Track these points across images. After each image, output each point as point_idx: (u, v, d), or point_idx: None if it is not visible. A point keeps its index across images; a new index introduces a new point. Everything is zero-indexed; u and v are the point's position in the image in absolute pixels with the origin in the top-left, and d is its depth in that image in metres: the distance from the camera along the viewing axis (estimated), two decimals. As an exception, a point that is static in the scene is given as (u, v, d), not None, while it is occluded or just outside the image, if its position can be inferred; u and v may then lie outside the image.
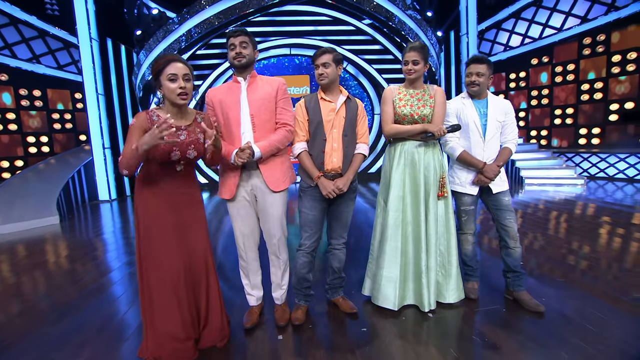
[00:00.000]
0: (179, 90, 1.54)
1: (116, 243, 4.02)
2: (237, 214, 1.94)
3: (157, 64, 1.56)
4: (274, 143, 1.85)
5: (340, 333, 1.91)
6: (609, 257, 2.90)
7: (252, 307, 2.09)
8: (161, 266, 1.63)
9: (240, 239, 1.97)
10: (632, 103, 7.13)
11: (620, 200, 5.21)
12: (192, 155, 1.63)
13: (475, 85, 2.07)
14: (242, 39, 1.84)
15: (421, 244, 2.01)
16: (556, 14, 8.12)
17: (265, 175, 1.87)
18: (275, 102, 1.89)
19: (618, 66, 7.26)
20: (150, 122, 1.56)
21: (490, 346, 1.71)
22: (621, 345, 1.68)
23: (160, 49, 6.37)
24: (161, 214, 1.63)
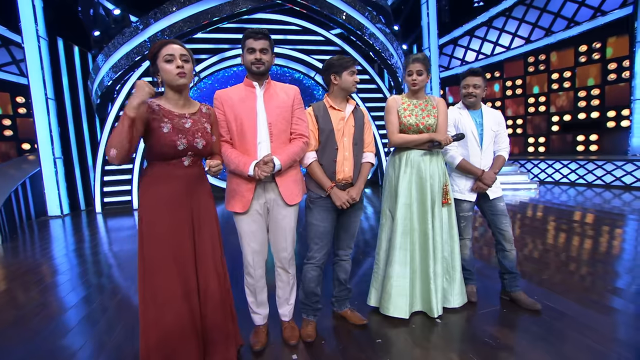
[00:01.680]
0: (176, 70, 1.46)
1: (69, 266, 3.54)
2: (248, 229, 1.83)
3: (153, 47, 1.50)
4: (292, 155, 1.78)
5: (356, 347, 1.88)
6: (579, 254, 3.19)
7: (258, 326, 1.98)
8: (167, 275, 1.48)
9: (250, 256, 1.85)
10: (569, 115, 8.04)
11: (566, 201, 5.79)
12: (200, 145, 1.54)
13: (472, 96, 2.19)
14: (263, 43, 1.73)
15: (429, 251, 2.05)
16: (504, 34, 8.95)
17: (281, 188, 1.80)
18: (291, 111, 1.83)
19: (557, 83, 8.16)
20: (151, 112, 1.47)
21: (503, 347, 1.79)
22: (615, 334, 1.84)
23: (122, 53, 5.95)
24: (169, 215, 1.50)
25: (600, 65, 7.46)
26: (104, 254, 4.03)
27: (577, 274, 2.72)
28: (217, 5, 5.61)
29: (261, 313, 1.98)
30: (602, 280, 2.57)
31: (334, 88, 1.99)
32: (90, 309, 2.49)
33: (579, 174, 6.99)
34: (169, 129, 1.47)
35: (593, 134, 7.68)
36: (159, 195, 1.50)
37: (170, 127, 1.48)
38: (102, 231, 5.52)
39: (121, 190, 6.92)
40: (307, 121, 1.89)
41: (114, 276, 3.24)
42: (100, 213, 6.73)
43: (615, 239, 3.66)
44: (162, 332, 1.49)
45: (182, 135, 1.49)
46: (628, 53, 6.96)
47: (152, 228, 1.50)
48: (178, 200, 1.52)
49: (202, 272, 1.59)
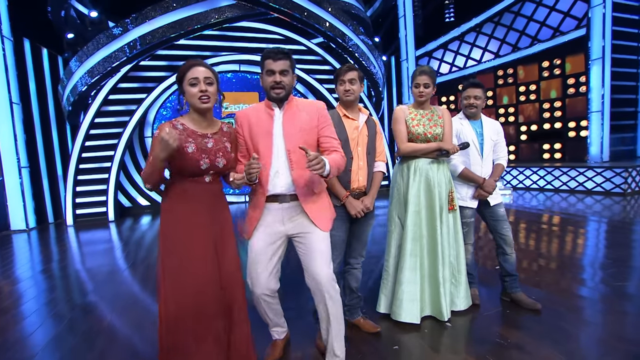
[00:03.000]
0: (199, 94, 1.50)
1: (36, 291, 3.11)
2: (252, 255, 1.68)
3: (180, 70, 1.54)
4: (337, 164, 1.59)
5: (375, 355, 1.91)
6: (561, 255, 3.42)
7: (275, 340, 1.94)
8: (185, 286, 1.50)
9: (250, 280, 1.73)
10: (536, 126, 8.65)
11: (536, 205, 6.19)
12: (221, 164, 1.57)
13: (473, 107, 2.32)
14: (283, 64, 1.60)
15: (437, 256, 2.13)
16: (475, 48, 9.52)
17: (313, 216, 1.65)
18: (316, 132, 1.67)
19: (524, 95, 8.77)
20: (176, 132, 1.50)
21: (514, 346, 1.88)
22: (610, 325, 2.00)
23: (99, 57, 5.68)
24: (191, 230, 1.53)
25: (561, 80, 8.12)
26: (77, 272, 3.75)
27: (562, 273, 2.92)
28: (203, 12, 5.53)
29: (278, 330, 1.94)
30: (583, 276, 2.77)
31: (339, 97, 2.04)
32: (67, 351, 2.07)
33: (547, 180, 7.50)
34: (193, 149, 1.51)
35: (557, 143, 8.30)
36: (181, 210, 1.54)
37: (194, 147, 1.52)
38: (73, 246, 5.18)
39: (95, 202, 6.53)
40: (337, 138, 1.73)
41: (92, 301, 2.88)
42: (72, 226, 6.31)
43: (579, 237, 3.97)
44: (184, 353, 1.48)
45: (205, 155, 1.54)
46: (584, 69, 7.63)
47: (174, 243, 1.52)
48: (200, 215, 1.55)
49: (227, 286, 1.59)
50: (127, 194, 7.30)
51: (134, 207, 7.35)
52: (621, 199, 6.21)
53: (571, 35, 7.79)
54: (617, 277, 2.76)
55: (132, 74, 6.64)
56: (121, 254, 4.35)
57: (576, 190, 7.06)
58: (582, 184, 6.97)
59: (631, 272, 2.87)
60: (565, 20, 7.93)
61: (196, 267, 1.52)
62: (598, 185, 6.75)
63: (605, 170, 6.64)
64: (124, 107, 6.66)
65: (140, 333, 2.30)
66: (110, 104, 6.60)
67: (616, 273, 2.84)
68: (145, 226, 6.14)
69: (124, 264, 3.91)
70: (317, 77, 8.46)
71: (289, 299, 2.15)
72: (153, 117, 7.31)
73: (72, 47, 6.21)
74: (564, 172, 7.20)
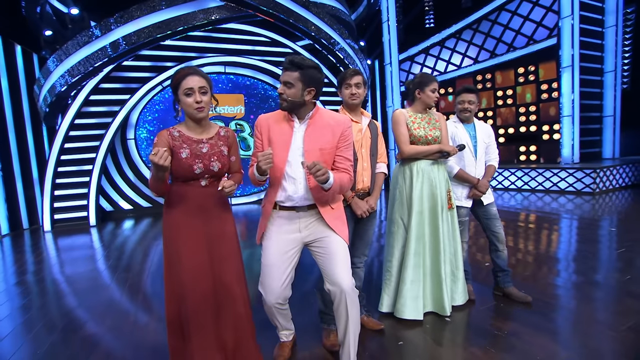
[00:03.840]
0: (195, 105, 1.55)
1: (9, 308, 2.82)
2: (266, 261, 1.69)
3: (175, 78, 1.57)
4: (341, 184, 1.61)
5: (381, 351, 1.98)
6: (547, 251, 3.63)
7: (283, 341, 1.97)
8: (186, 289, 1.55)
9: (261, 287, 1.74)
10: (513, 129, 9.07)
11: (515, 205, 6.51)
12: (216, 168, 1.62)
13: (467, 111, 2.44)
14: (287, 76, 1.56)
15: (440, 254, 2.23)
16: (455, 54, 9.87)
17: (332, 223, 1.67)
18: (335, 152, 1.65)
19: (501, 99, 9.17)
20: (171, 139, 1.58)
21: (512, 336, 2.02)
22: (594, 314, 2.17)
23: (80, 57, 5.48)
24: (189, 232, 1.59)
25: (535, 86, 8.56)
26: (57, 282, 3.59)
27: (539, 266, 3.10)
28: (191, 12, 5.45)
29: (286, 333, 1.97)
30: (559, 268, 2.97)
31: (343, 101, 2.10)
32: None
33: (524, 181, 7.87)
34: (187, 154, 1.58)
35: (532, 145, 8.74)
36: (177, 213, 1.59)
37: (188, 152, 1.58)
38: (51, 252, 4.97)
39: (76, 206, 6.27)
40: (351, 159, 1.70)
41: (76, 317, 2.63)
42: (50, 231, 6.03)
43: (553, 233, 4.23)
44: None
45: (199, 159, 1.59)
46: (556, 76, 8.09)
47: (171, 245, 1.60)
48: (193, 218, 1.60)
49: (221, 286, 1.61)
50: (109, 198, 7.06)
51: (116, 211, 7.10)
52: (590, 198, 6.63)
53: (544, 43, 8.24)
54: (588, 268, 2.98)
55: (115, 74, 6.44)
56: (105, 260, 4.21)
57: (550, 190, 7.46)
58: (556, 184, 7.38)
59: (599, 264, 3.11)
60: (538, 29, 8.38)
61: (187, 272, 1.54)
62: (570, 185, 7.16)
63: (577, 171, 7.06)
64: (106, 108, 6.44)
65: (122, 339, 2.26)
66: (92, 105, 6.36)
67: (586, 265, 3.07)
68: (129, 231, 5.96)
69: (109, 270, 3.78)
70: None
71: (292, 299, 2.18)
72: (136, 119, 7.12)
73: (50, 45, 5.94)
74: (539, 173, 7.59)
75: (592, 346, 1.87)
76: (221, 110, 8.02)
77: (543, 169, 7.55)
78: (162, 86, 7.12)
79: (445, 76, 10.05)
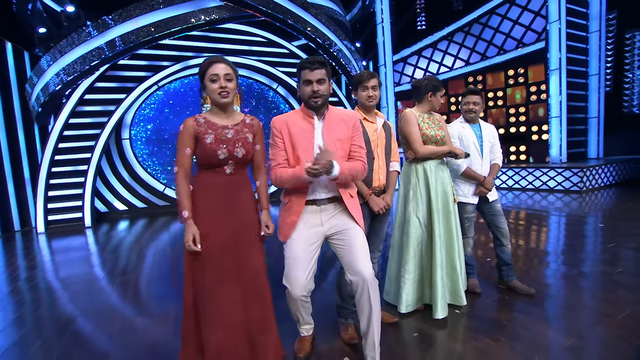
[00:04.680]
0: (219, 90, 1.59)
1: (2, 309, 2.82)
2: (293, 254, 1.73)
3: (202, 66, 1.63)
4: (352, 170, 1.71)
5: (398, 343, 2.06)
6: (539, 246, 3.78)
7: (304, 336, 2.02)
8: (208, 278, 1.58)
9: (288, 282, 1.77)
10: (503, 129, 9.32)
11: (505, 204, 6.72)
12: (240, 154, 1.65)
13: (472, 112, 2.55)
14: (320, 73, 1.67)
15: (454, 248, 2.34)
16: (447, 56, 10.09)
17: (353, 212, 1.76)
18: (350, 141, 1.77)
19: (492, 100, 9.42)
20: (197, 125, 1.63)
21: (520, 326, 2.12)
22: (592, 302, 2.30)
23: (75, 55, 5.38)
24: (214, 217, 1.62)
25: (525, 88, 8.83)
26: (50, 285, 3.51)
27: (531, 260, 3.25)
28: (190, 12, 5.43)
29: (306, 327, 2.02)
30: (558, 261, 3.12)
31: (358, 102, 2.17)
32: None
33: (515, 180, 8.11)
34: (211, 140, 1.62)
35: (522, 145, 9.01)
36: (201, 200, 1.63)
37: (213, 138, 1.62)
38: (45, 254, 4.88)
39: (70, 207, 6.15)
40: (364, 147, 1.83)
41: (74, 323, 2.54)
42: (44, 233, 5.90)
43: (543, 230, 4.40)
44: (209, 342, 1.57)
45: (224, 145, 1.63)
46: (544, 78, 8.37)
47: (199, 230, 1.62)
48: (218, 205, 1.64)
49: (246, 275, 1.66)
50: (103, 199, 6.95)
51: (110, 212, 7.00)
52: (578, 196, 6.89)
53: (532, 47, 8.52)
54: (581, 262, 3.14)
55: (111, 73, 6.36)
56: (103, 263, 4.15)
57: (540, 189, 7.72)
58: (545, 183, 7.63)
59: (591, 258, 3.29)
60: (527, 33, 8.65)
61: (214, 260, 1.59)
62: (559, 184, 7.43)
63: (565, 170, 7.33)
64: (101, 107, 6.35)
65: (119, 343, 2.23)
66: (86, 104, 6.26)
67: (579, 259, 3.24)
68: (125, 232, 5.89)
69: (108, 273, 3.73)
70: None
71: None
72: (131, 119, 7.03)
73: (44, 42, 5.81)
74: (529, 172, 7.84)
75: (595, 333, 1.99)
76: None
77: (533, 168, 7.80)
78: (158, 86, 7.06)
79: (438, 77, 10.26)
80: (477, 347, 1.93)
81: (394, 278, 2.48)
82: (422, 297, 2.38)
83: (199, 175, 1.67)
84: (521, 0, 8.64)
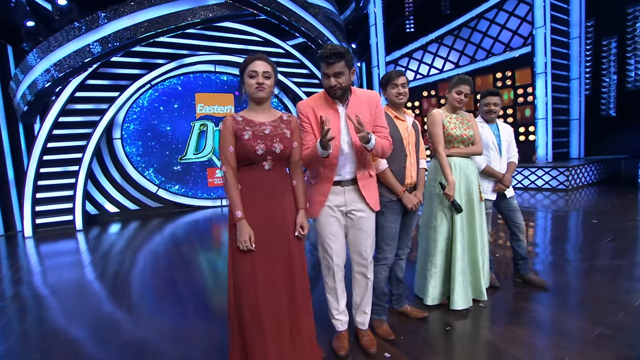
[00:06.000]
0: (256, 85, 1.62)
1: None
2: (328, 230, 1.88)
3: (244, 62, 1.66)
4: (382, 144, 1.79)
5: (434, 337, 2.09)
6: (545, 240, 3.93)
7: (340, 332, 2.02)
8: (251, 278, 1.59)
9: (330, 258, 1.90)
10: (491, 130, 9.62)
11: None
12: (278, 149, 1.66)
13: (493, 112, 2.63)
14: (337, 67, 1.71)
15: (477, 244, 2.39)
16: (438, 58, 10.32)
17: (366, 194, 1.88)
18: (372, 122, 1.86)
19: (480, 102, 9.72)
20: (235, 123, 1.65)
21: (542, 316, 2.22)
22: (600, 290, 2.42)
23: (68, 51, 5.15)
24: (252, 217, 1.62)
25: (512, 90, 9.16)
26: (38, 292, 3.29)
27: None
28: (191, 8, 5.31)
29: (342, 319, 2.02)
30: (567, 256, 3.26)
31: (388, 101, 2.20)
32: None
33: (503, 179, 8.39)
34: (249, 136, 1.63)
35: (509, 146, 9.33)
36: (243, 198, 1.64)
37: (250, 134, 1.64)
38: (32, 259, 4.66)
39: (60, 209, 5.88)
40: (387, 126, 1.92)
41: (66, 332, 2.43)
42: (32, 237, 5.61)
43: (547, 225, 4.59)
44: (253, 341, 1.58)
45: (261, 140, 1.64)
46: (531, 81, 8.71)
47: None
48: (259, 202, 1.65)
49: (288, 272, 1.67)
50: (94, 201, 6.68)
51: (101, 214, 6.74)
52: (564, 194, 7.21)
53: (519, 51, 8.85)
54: (587, 255, 3.30)
55: (103, 70, 6.13)
56: (98, 267, 3.98)
57: (529, 188, 8.02)
58: (533, 182, 7.94)
59: (592, 251, 3.46)
60: (514, 37, 8.99)
61: (259, 259, 1.60)
62: (546, 182, 7.74)
63: (552, 169, 7.65)
64: (93, 105, 6.11)
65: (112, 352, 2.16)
66: (77, 102, 6.01)
67: (584, 252, 3.41)
68: (117, 235, 5.67)
69: (102, 277, 3.59)
70: (294, 80, 8.55)
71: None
72: (122, 118, 6.80)
73: (32, 37, 5.53)
74: (518, 172, 8.12)
75: (619, 321, 2.09)
76: (210, 110, 7.87)
77: (521, 168, 8.09)
78: (151, 84, 6.87)
79: (428, 79, 10.49)
80: (507, 336, 1.99)
81: (420, 271, 2.53)
82: (447, 291, 2.43)
83: (239, 173, 1.68)
84: (508, 6, 8.97)
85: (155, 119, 7.23)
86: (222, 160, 1.66)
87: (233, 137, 1.64)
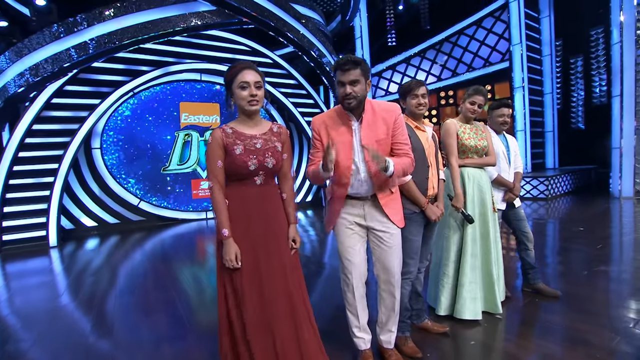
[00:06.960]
0: (249, 98, 1.54)
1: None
2: (346, 243, 1.81)
3: (230, 72, 1.56)
4: (403, 166, 1.70)
5: (459, 352, 2.01)
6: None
7: (363, 351, 1.91)
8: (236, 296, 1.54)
9: (349, 273, 1.82)
10: (472, 141, 9.96)
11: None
12: (271, 164, 1.60)
13: (506, 124, 2.67)
14: (353, 74, 1.63)
15: (491, 255, 2.36)
16: (420, 71, 10.64)
17: (389, 212, 1.79)
18: (390, 139, 1.75)
19: (462, 114, 10.06)
20: (225, 136, 1.56)
21: (558, 325, 2.22)
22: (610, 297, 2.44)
23: (45, 55, 4.82)
24: (243, 233, 1.56)
25: (492, 103, 9.55)
26: (5, 322, 2.85)
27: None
28: (182, 14, 5.15)
29: (365, 337, 1.92)
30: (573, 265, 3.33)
31: (406, 111, 2.17)
32: None
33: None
34: (241, 150, 1.57)
35: (491, 156, 9.67)
36: (235, 214, 1.57)
37: (242, 148, 1.57)
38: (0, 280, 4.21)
39: (32, 224, 5.40)
40: (409, 143, 1.83)
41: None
42: (-2, 255, 5.10)
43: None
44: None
45: (253, 155, 1.58)
46: (510, 95, 9.13)
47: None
48: (252, 217, 1.59)
49: (283, 286, 1.59)
50: (69, 215, 6.22)
51: (77, 229, 6.28)
52: (545, 203, 7.51)
53: (498, 66, 9.29)
54: (583, 262, 3.39)
55: (83, 75, 5.79)
56: (79, 288, 3.66)
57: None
58: (515, 190, 8.22)
59: (584, 258, 3.55)
60: (493, 53, 9.43)
61: (250, 275, 1.54)
62: (527, 192, 8.04)
63: (532, 179, 7.96)
64: (71, 113, 5.73)
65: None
66: (54, 109, 5.62)
67: (579, 258, 3.49)
68: (95, 251, 5.25)
69: (79, 299, 3.29)
70: (282, 91, 8.47)
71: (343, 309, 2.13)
72: (102, 127, 6.44)
73: (5, 38, 5.15)
74: (501, 181, 8.40)
75: (631, 330, 2.12)
76: (195, 119, 7.63)
77: (504, 178, 8.37)
78: (133, 92, 6.57)
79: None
80: (532, 350, 1.95)
81: (433, 280, 2.49)
82: (460, 302, 2.39)
83: (229, 188, 1.60)
84: (487, 23, 9.43)
85: (137, 128, 6.90)
86: (209, 176, 1.56)
87: (222, 151, 1.55)
